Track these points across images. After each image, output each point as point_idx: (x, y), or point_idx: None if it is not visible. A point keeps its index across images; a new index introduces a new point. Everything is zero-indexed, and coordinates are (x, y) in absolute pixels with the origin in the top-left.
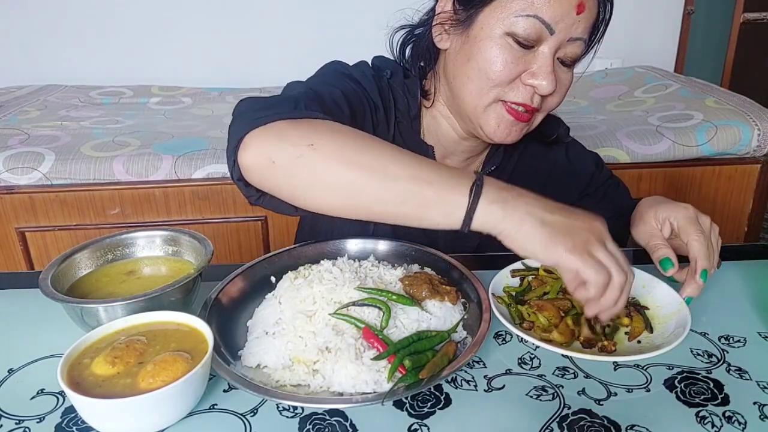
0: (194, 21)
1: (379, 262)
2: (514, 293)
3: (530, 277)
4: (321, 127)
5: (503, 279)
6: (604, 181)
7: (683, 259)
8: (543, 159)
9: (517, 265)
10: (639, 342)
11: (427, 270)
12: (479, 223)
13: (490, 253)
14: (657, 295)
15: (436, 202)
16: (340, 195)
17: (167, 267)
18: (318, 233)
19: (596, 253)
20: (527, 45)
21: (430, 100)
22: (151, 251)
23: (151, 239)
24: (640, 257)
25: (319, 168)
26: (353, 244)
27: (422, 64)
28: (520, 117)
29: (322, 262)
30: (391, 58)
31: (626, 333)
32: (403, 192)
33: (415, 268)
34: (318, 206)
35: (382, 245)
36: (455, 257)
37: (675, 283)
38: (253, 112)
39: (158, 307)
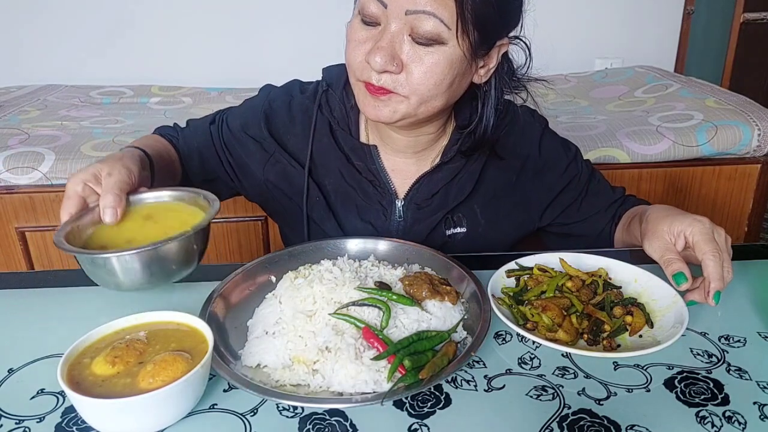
0: (194, 21)
1: (379, 262)
2: (512, 294)
3: (525, 277)
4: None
5: (499, 280)
6: (587, 177)
7: (695, 269)
8: (513, 156)
9: (511, 265)
10: (641, 336)
11: (427, 270)
12: None
13: (490, 253)
14: (651, 289)
15: None
16: None
17: (185, 214)
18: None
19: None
20: (370, 22)
21: None
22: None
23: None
24: (640, 257)
25: None
26: (353, 244)
27: None
28: (372, 91)
29: (322, 262)
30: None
31: (627, 328)
32: None
33: (415, 268)
34: None
35: (382, 245)
36: (455, 257)
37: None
38: None
39: (170, 257)
